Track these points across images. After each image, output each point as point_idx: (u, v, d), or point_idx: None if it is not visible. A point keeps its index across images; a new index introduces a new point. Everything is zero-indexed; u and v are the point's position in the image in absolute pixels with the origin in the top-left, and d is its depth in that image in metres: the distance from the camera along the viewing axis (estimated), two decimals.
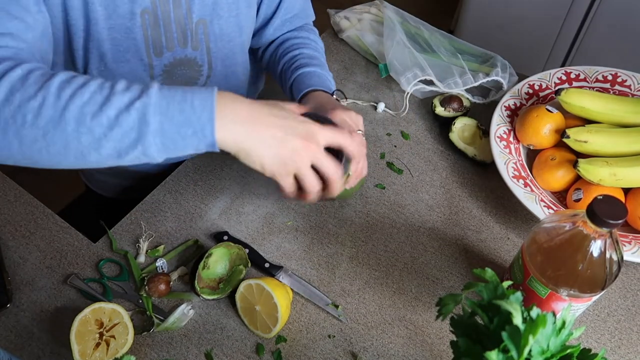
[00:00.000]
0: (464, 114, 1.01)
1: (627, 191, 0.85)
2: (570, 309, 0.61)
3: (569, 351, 0.50)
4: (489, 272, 0.55)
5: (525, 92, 0.99)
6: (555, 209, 0.84)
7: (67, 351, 0.69)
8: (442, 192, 0.93)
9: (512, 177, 0.87)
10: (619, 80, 1.00)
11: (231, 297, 0.77)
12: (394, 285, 0.81)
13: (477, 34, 2.05)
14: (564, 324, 0.51)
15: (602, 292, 0.69)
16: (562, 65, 2.02)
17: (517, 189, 0.85)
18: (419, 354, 0.74)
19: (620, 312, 0.79)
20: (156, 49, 0.81)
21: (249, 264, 0.79)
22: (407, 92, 1.05)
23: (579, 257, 0.63)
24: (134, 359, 0.56)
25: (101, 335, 0.70)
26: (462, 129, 0.99)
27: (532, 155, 0.93)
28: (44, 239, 0.82)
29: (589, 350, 0.52)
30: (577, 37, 1.93)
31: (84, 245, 0.82)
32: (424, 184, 0.93)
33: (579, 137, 0.86)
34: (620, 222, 0.58)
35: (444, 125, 1.02)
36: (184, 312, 0.75)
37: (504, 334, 0.48)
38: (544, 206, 0.83)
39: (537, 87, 1.00)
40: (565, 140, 0.87)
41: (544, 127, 0.89)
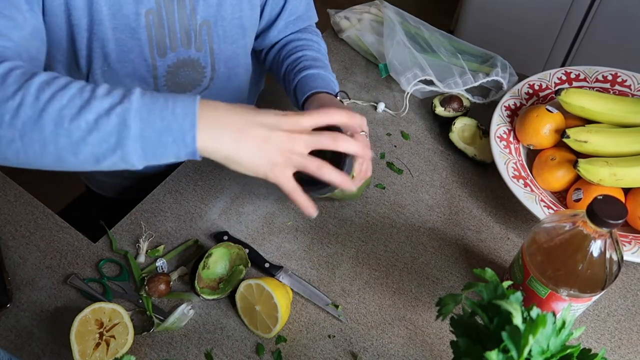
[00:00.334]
0: (464, 114, 1.01)
1: (627, 191, 0.85)
2: (570, 309, 0.61)
3: (569, 351, 0.50)
4: (489, 272, 0.55)
5: (525, 92, 0.99)
6: (555, 209, 0.84)
7: (67, 351, 0.69)
8: (442, 192, 0.93)
9: (512, 177, 0.87)
10: (619, 80, 1.00)
11: (231, 297, 0.77)
12: (394, 285, 0.81)
13: (477, 34, 2.05)
14: (564, 324, 0.51)
15: (602, 292, 0.69)
16: (562, 65, 2.02)
17: (517, 189, 0.85)
18: (419, 354, 0.74)
19: (620, 312, 0.79)
20: (160, 50, 0.81)
21: (249, 264, 0.79)
22: (407, 92, 1.05)
23: (579, 257, 0.63)
24: (134, 359, 0.56)
25: (101, 335, 0.70)
26: (462, 129, 0.99)
27: (532, 155, 0.93)
28: (44, 239, 0.82)
29: (589, 350, 0.52)
30: (577, 37, 1.93)
31: (84, 245, 0.82)
32: (424, 184, 0.93)
33: (579, 137, 0.86)
34: (620, 222, 0.58)
35: (444, 125, 1.02)
36: (184, 312, 0.75)
37: (504, 334, 0.48)
38: (544, 206, 0.83)
39: (537, 87, 1.00)
40: (565, 140, 0.87)
41: (544, 127, 0.89)
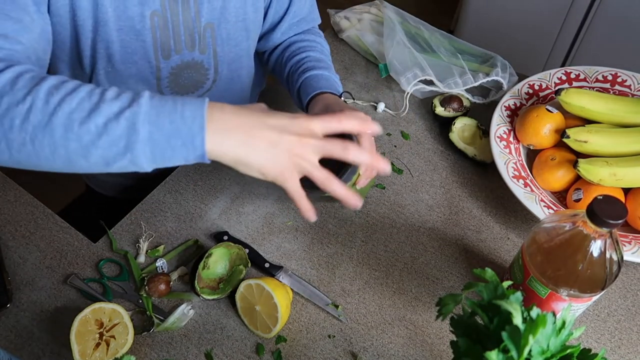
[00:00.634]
0: (464, 114, 1.01)
1: (627, 191, 0.85)
2: (570, 309, 0.61)
3: (569, 351, 0.50)
4: (489, 272, 0.55)
5: (525, 92, 0.99)
6: (555, 209, 0.84)
7: (67, 351, 0.69)
8: (442, 192, 0.93)
9: (512, 177, 0.87)
10: (619, 80, 1.00)
11: (231, 297, 0.77)
12: (394, 285, 0.81)
13: (477, 34, 2.05)
14: (564, 324, 0.51)
15: (602, 292, 0.69)
16: (562, 65, 2.02)
17: (517, 189, 0.85)
18: (419, 354, 0.74)
19: (620, 312, 0.79)
20: (164, 52, 0.81)
21: (249, 264, 0.79)
22: (407, 92, 1.05)
23: (579, 257, 0.63)
24: (134, 359, 0.56)
25: (101, 335, 0.70)
26: (462, 129, 0.99)
27: (532, 155, 0.93)
28: (44, 239, 0.82)
29: (589, 350, 0.52)
30: (577, 37, 1.93)
31: (84, 245, 0.82)
32: (424, 184, 0.93)
33: (579, 137, 0.86)
34: (620, 222, 0.58)
35: (444, 125, 1.02)
36: (184, 312, 0.75)
37: (504, 334, 0.48)
38: (544, 206, 0.83)
39: (537, 87, 1.00)
40: (565, 140, 0.87)
41: (544, 127, 0.89)
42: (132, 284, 0.79)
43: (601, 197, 0.60)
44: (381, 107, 1.04)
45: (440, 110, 1.01)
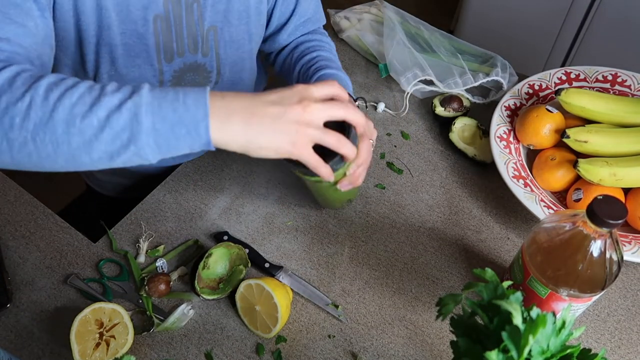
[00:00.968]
0: (464, 114, 1.01)
1: (627, 191, 0.85)
2: (570, 309, 0.61)
3: (569, 351, 0.50)
4: (489, 272, 0.55)
5: (525, 92, 0.99)
6: (555, 209, 0.84)
7: (67, 351, 0.69)
8: (442, 192, 0.93)
9: (512, 177, 0.87)
10: (619, 80, 1.00)
11: (231, 297, 0.77)
12: (394, 285, 0.81)
13: (477, 34, 2.05)
14: (564, 324, 0.51)
15: (602, 292, 0.69)
16: (562, 65, 2.02)
17: (517, 189, 0.85)
18: (419, 354, 0.74)
19: (620, 312, 0.79)
20: (167, 55, 0.81)
21: (249, 264, 0.79)
22: (407, 92, 1.05)
23: (579, 257, 0.63)
24: (134, 359, 0.56)
25: (101, 335, 0.70)
26: (462, 129, 0.99)
27: (532, 155, 0.93)
28: (44, 239, 0.82)
29: (589, 350, 0.52)
30: (577, 37, 1.93)
31: (84, 245, 0.82)
32: (424, 184, 0.93)
33: (579, 137, 0.86)
34: (620, 222, 0.58)
35: (444, 125, 1.02)
36: (184, 312, 0.75)
37: (504, 334, 0.48)
38: (544, 206, 0.83)
39: (537, 87, 1.00)
40: (565, 140, 0.87)
41: (544, 127, 0.89)
42: (132, 284, 0.79)
43: (601, 197, 0.60)
44: (381, 107, 1.04)
45: (440, 110, 1.01)
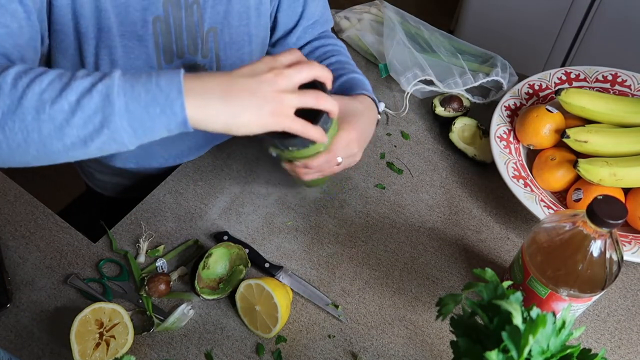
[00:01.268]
0: (464, 114, 1.01)
1: (627, 191, 0.85)
2: (570, 309, 0.61)
3: (569, 351, 0.50)
4: (489, 272, 0.55)
5: (525, 92, 0.99)
6: (555, 209, 0.84)
7: (67, 351, 0.69)
8: (442, 192, 0.93)
9: (512, 177, 0.87)
10: (619, 80, 1.00)
11: (231, 297, 0.77)
12: (394, 285, 0.81)
13: (477, 34, 2.05)
14: (564, 324, 0.51)
15: (602, 292, 0.69)
16: (562, 65, 2.02)
17: (517, 189, 0.85)
18: (419, 354, 0.74)
19: (620, 312, 0.79)
20: (167, 56, 0.81)
21: (249, 264, 0.79)
22: (407, 92, 1.05)
23: (579, 257, 0.63)
24: (134, 359, 0.56)
25: (101, 335, 0.70)
26: (462, 129, 0.99)
27: (532, 155, 0.93)
28: (44, 239, 0.82)
29: (589, 350, 0.52)
30: (577, 37, 1.93)
31: (84, 245, 0.82)
32: (424, 184, 0.93)
33: (579, 137, 0.86)
34: (620, 222, 0.58)
35: (444, 125, 1.02)
36: (184, 312, 0.75)
37: (504, 334, 0.48)
38: (544, 206, 0.83)
39: (537, 87, 1.00)
40: (565, 140, 0.87)
41: (544, 127, 0.89)
42: (132, 284, 0.79)
43: (601, 197, 0.60)
44: (381, 107, 1.04)
45: (440, 110, 1.01)
